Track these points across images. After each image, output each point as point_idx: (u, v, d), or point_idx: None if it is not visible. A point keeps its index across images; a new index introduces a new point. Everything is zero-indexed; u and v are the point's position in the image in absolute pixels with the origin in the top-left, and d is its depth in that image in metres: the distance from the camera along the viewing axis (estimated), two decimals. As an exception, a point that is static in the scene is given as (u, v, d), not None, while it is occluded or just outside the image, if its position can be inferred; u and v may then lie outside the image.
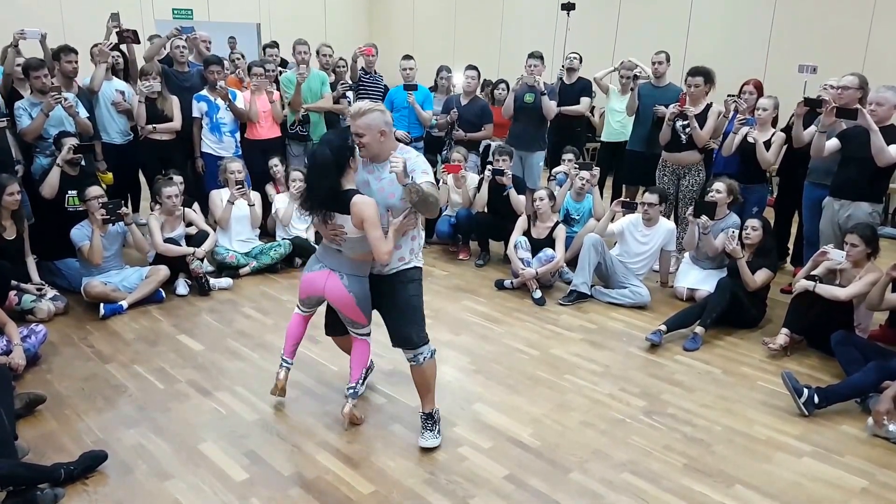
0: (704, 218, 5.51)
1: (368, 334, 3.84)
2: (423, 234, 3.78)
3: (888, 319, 5.10)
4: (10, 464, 3.09)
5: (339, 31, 13.99)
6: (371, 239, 3.40)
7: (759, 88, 6.60)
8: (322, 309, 3.97)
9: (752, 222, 5.33)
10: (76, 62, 6.21)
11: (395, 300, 3.60)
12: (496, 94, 7.86)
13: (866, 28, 8.88)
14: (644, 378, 4.50)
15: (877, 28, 8.85)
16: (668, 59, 6.77)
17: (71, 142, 5.55)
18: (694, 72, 6.22)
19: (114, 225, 5.34)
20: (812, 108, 5.31)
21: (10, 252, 5.08)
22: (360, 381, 3.84)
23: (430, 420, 3.71)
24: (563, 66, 7.97)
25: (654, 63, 6.79)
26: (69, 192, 5.56)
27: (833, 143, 5.21)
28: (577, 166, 6.49)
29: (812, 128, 5.47)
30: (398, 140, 3.68)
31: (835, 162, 5.27)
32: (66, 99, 5.69)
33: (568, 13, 10.11)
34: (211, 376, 4.37)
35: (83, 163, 5.73)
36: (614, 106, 7.70)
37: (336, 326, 3.91)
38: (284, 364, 4.00)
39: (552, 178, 7.19)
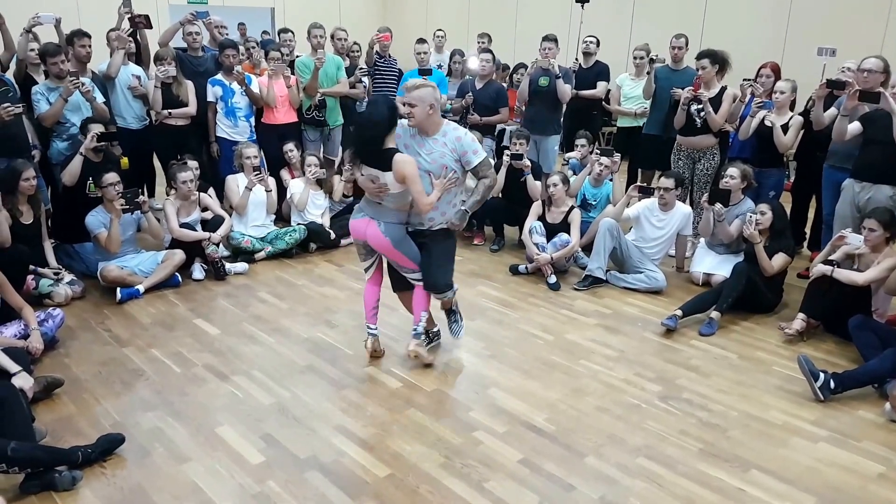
0: (719, 205, 5.46)
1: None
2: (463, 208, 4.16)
3: (906, 304, 5.06)
4: (28, 446, 3.12)
5: (353, 16, 13.92)
6: (414, 193, 3.83)
7: (776, 71, 6.50)
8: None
9: (761, 207, 5.27)
10: (90, 46, 6.17)
11: (432, 248, 4.08)
12: (514, 79, 7.81)
13: (886, 10, 8.73)
14: (659, 363, 4.48)
15: (897, 10, 8.71)
16: (686, 43, 6.70)
17: (97, 129, 5.56)
18: (701, 55, 6.18)
19: (132, 214, 5.36)
20: (833, 89, 5.24)
21: (28, 236, 5.09)
22: (422, 323, 4.27)
23: (451, 314, 4.48)
24: (576, 60, 7.90)
25: (673, 47, 6.73)
26: (91, 177, 5.56)
27: (854, 127, 5.13)
28: (598, 151, 6.42)
29: (832, 110, 5.39)
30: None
31: (856, 145, 5.20)
32: (83, 84, 5.69)
33: (582, 5, 9.98)
34: (227, 360, 4.40)
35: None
36: (628, 93, 7.61)
37: (398, 281, 4.33)
38: (370, 332, 4.39)
39: (565, 162, 7.14)
